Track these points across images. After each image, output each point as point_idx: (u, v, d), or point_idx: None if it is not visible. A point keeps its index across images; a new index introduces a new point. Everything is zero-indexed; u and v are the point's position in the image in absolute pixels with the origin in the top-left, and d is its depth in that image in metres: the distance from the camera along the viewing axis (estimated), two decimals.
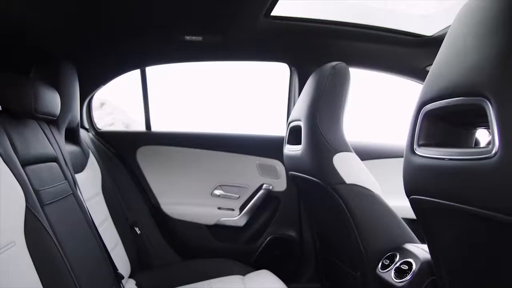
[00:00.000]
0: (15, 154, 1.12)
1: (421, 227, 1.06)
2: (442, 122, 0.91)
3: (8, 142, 1.11)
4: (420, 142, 0.93)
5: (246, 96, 2.98)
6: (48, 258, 1.07)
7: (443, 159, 0.83)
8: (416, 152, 0.93)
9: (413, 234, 1.57)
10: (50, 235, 1.10)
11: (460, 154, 0.79)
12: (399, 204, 1.69)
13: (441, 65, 0.89)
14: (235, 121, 2.94)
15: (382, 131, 2.87)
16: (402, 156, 1.03)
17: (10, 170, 1.05)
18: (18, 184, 1.06)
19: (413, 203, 1.01)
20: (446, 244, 1.01)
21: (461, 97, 0.78)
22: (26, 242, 1.01)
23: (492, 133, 0.69)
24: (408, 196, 1.02)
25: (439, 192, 0.88)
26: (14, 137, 1.16)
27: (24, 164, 1.15)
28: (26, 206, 1.05)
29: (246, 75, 2.82)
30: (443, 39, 0.92)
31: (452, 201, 0.84)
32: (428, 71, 0.95)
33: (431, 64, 0.95)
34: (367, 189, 1.58)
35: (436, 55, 0.93)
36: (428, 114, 0.90)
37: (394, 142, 2.44)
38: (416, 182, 0.96)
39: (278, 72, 2.37)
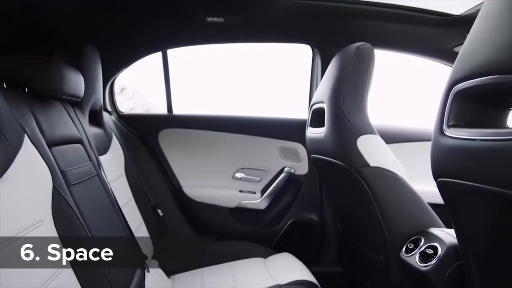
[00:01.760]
0: (42, 135, 1.13)
1: (448, 210, 1.03)
2: (474, 102, 0.88)
3: (34, 123, 1.13)
4: (450, 123, 0.90)
5: (268, 78, 2.95)
6: (75, 237, 1.09)
7: (475, 140, 0.81)
8: (446, 133, 0.90)
9: (438, 219, 1.54)
10: (76, 215, 1.12)
11: (494, 135, 0.76)
12: (424, 189, 1.68)
13: (473, 42, 0.85)
14: (256, 104, 2.92)
15: (407, 114, 2.81)
16: (427, 140, 1.00)
17: (37, 150, 1.06)
18: (45, 165, 1.07)
19: (441, 186, 0.99)
20: (474, 228, 0.99)
21: (495, 75, 0.75)
22: (54, 221, 1.02)
23: None
24: (435, 178, 0.99)
25: (468, 174, 0.86)
26: (41, 119, 1.18)
27: (50, 145, 1.17)
28: (53, 186, 1.07)
29: (268, 57, 2.78)
30: (472, 18, 0.88)
31: (483, 183, 0.81)
32: (456, 52, 0.92)
33: (459, 44, 0.92)
34: (391, 172, 1.55)
35: (464, 35, 0.89)
36: (459, 94, 0.87)
37: (419, 126, 2.39)
38: (445, 164, 0.94)
39: (300, 54, 2.34)
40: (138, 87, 3.24)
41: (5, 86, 1.21)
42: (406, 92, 2.92)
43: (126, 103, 2.56)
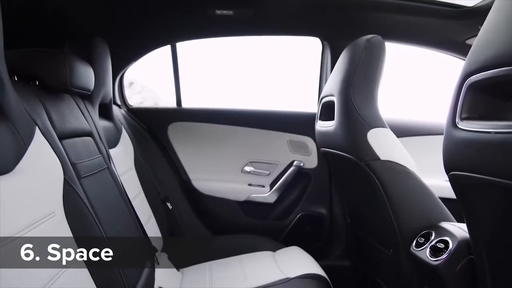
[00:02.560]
0: (53, 127, 1.14)
1: (460, 204, 1.02)
2: (487, 94, 0.87)
3: (45, 116, 1.13)
4: (463, 116, 0.89)
5: (276, 72, 2.94)
6: (86, 228, 1.09)
7: (489, 132, 0.80)
8: (459, 126, 0.89)
9: (449, 213, 1.53)
10: (87, 207, 1.12)
11: (508, 127, 0.75)
12: (434, 183, 1.66)
13: (488, 33, 0.84)
14: (265, 98, 2.91)
15: (417, 108, 2.79)
16: (438, 134, 0.99)
17: (49, 143, 1.07)
18: (56, 157, 1.07)
19: (453, 180, 0.98)
20: (485, 222, 0.98)
21: (510, 67, 0.74)
22: (65, 213, 1.03)
23: None
24: (447, 172, 0.98)
25: (481, 167, 0.85)
26: (51, 111, 1.18)
27: (61, 137, 1.17)
28: (64, 178, 1.07)
29: (277, 50, 2.77)
30: (485, 10, 0.87)
31: (496, 176, 0.80)
32: (468, 44, 0.90)
33: (472, 37, 0.91)
34: (402, 165, 1.54)
35: (477, 27, 0.88)
36: (473, 86, 0.86)
37: (430, 119, 2.37)
38: (457, 157, 0.93)
39: (310, 47, 2.33)
40: (147, 81, 3.25)
41: (16, 79, 1.22)
42: (417, 86, 2.89)
43: (134, 97, 2.58)
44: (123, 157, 1.80)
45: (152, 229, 1.84)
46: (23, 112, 1.00)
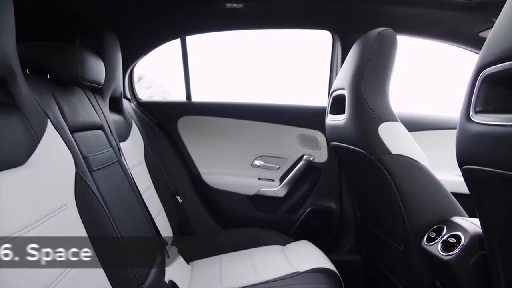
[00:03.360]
0: (64, 121, 1.14)
1: (473, 198, 1.01)
2: (503, 87, 0.85)
3: (57, 109, 1.14)
4: (477, 109, 0.88)
5: (286, 65, 2.94)
6: (97, 222, 1.10)
7: (504, 125, 0.78)
8: (473, 119, 0.88)
9: (461, 208, 1.52)
10: (98, 200, 1.13)
11: None
12: (446, 178, 1.65)
13: (503, 25, 0.82)
14: (275, 91, 2.91)
15: (428, 102, 2.77)
16: (449, 128, 0.98)
17: (60, 136, 1.07)
18: (68, 150, 1.08)
19: (466, 174, 0.97)
20: (499, 216, 0.97)
21: None
22: (77, 206, 1.04)
23: None
24: (460, 166, 0.97)
25: (496, 161, 0.83)
26: (63, 105, 1.19)
27: (72, 130, 1.18)
28: (76, 171, 1.08)
29: (286, 44, 2.77)
30: (499, 2, 0.85)
31: (511, 170, 0.79)
32: (481, 37, 0.88)
33: (485, 29, 0.89)
34: (413, 159, 1.52)
35: (491, 19, 0.87)
36: (488, 78, 0.84)
37: (441, 114, 2.34)
38: (471, 151, 0.91)
39: (319, 41, 2.32)
40: (156, 76, 3.27)
41: (28, 73, 1.22)
42: (429, 79, 2.87)
43: (144, 92, 2.58)
44: (133, 151, 1.81)
45: (162, 222, 1.85)
46: (36, 105, 1.00)
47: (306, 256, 1.81)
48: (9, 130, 0.86)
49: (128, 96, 2.39)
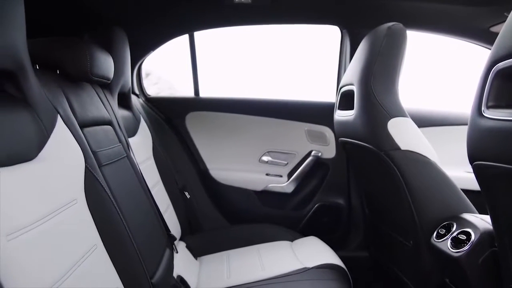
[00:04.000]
0: (74, 116, 1.15)
1: (484, 194, 1.00)
2: None
3: (67, 104, 1.14)
4: (489, 104, 0.86)
5: (294, 61, 2.93)
6: (107, 216, 1.11)
7: None
8: (484, 114, 0.87)
9: (471, 204, 1.50)
10: (108, 195, 1.13)
11: None
12: (456, 175, 1.63)
13: None
14: (283, 87, 2.90)
15: (438, 98, 2.75)
16: (460, 124, 0.96)
17: (70, 131, 1.08)
18: (78, 145, 1.09)
19: (477, 170, 0.96)
20: (510, 212, 0.96)
21: None
22: (87, 200, 1.04)
23: None
24: (471, 162, 0.96)
25: (508, 157, 0.82)
26: (72, 100, 1.19)
27: (82, 125, 1.18)
28: (86, 166, 1.08)
29: (294, 39, 2.76)
30: None
31: None
32: (493, 32, 0.87)
33: (497, 24, 0.87)
34: (423, 155, 1.51)
35: (502, 13, 0.85)
36: (500, 73, 0.83)
37: (452, 110, 2.32)
38: (482, 147, 0.90)
39: (327, 36, 2.30)
40: (163, 72, 3.27)
41: (37, 68, 1.23)
42: (438, 75, 2.84)
43: (151, 88, 2.58)
44: (141, 146, 1.82)
45: (170, 218, 1.86)
46: (46, 100, 1.01)
47: (314, 252, 1.81)
48: (19, 124, 0.86)
49: (136, 91, 2.40)
